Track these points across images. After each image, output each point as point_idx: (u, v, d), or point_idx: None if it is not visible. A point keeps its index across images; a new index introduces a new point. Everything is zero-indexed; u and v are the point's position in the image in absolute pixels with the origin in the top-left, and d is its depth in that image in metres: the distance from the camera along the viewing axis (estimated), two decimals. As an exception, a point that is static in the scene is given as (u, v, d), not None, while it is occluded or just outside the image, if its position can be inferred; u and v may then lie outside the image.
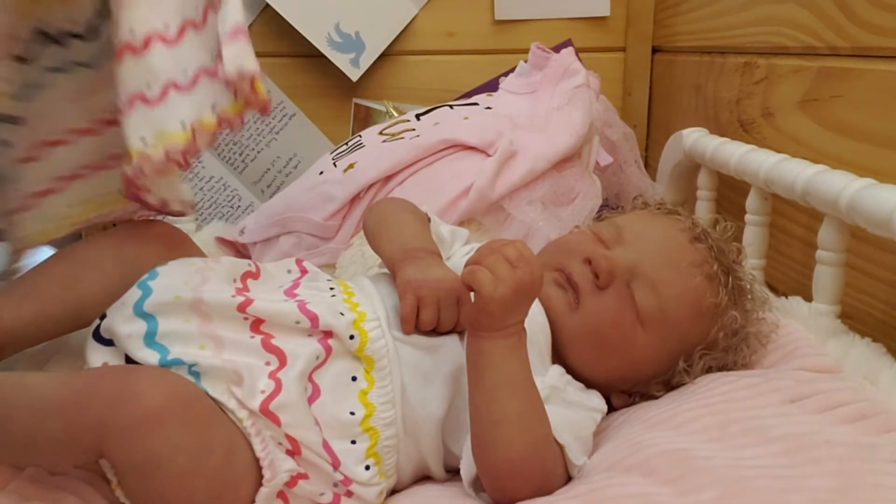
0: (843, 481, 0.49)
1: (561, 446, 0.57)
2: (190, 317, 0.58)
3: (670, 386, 0.68)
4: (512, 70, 1.16)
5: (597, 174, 1.04)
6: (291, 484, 0.56)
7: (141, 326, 0.57)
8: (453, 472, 0.63)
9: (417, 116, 1.09)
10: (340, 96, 1.37)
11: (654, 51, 1.35)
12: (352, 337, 0.61)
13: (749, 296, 0.70)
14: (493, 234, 0.95)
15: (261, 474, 0.55)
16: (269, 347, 0.59)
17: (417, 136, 1.02)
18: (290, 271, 0.69)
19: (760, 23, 0.94)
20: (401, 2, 1.32)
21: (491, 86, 1.26)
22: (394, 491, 0.63)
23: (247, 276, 0.65)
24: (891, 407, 0.58)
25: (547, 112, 1.03)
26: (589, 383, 0.67)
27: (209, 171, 1.37)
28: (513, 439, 0.55)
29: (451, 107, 1.10)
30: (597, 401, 0.66)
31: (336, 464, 0.58)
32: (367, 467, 0.59)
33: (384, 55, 1.34)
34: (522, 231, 0.94)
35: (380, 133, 1.07)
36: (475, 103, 1.11)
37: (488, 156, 0.97)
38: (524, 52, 1.14)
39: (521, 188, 0.96)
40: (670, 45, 1.29)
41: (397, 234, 0.71)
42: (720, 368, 0.69)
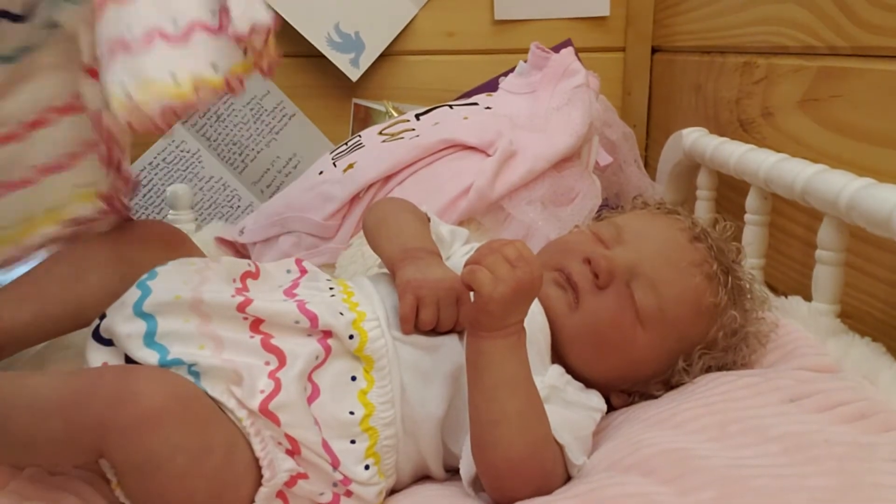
0: (842, 480, 0.49)
1: (560, 446, 0.57)
2: (189, 317, 0.58)
3: (670, 385, 0.68)
4: (512, 70, 1.15)
5: (596, 174, 1.04)
6: (291, 484, 0.56)
7: (140, 326, 0.57)
8: (453, 472, 0.63)
9: (417, 116, 1.09)
10: (340, 96, 1.37)
11: (654, 50, 1.35)
12: (351, 337, 0.61)
13: (748, 295, 0.70)
14: (493, 233, 0.95)
15: (260, 474, 0.55)
16: (268, 347, 0.59)
17: (417, 136, 1.02)
18: (289, 271, 0.69)
19: (760, 22, 0.94)
20: (401, 2, 1.32)
21: (491, 86, 1.26)
22: (393, 491, 0.63)
23: (246, 275, 0.65)
24: (890, 406, 0.58)
25: (546, 112, 1.03)
26: (588, 383, 0.67)
27: (209, 171, 1.37)
28: (512, 439, 0.55)
29: (450, 107, 1.10)
30: (596, 400, 0.66)
31: (335, 463, 0.58)
32: (367, 467, 0.59)
33: (384, 55, 1.34)
34: (522, 231, 0.94)
35: (379, 133, 1.07)
36: (475, 103, 1.11)
37: (488, 156, 0.97)
38: (524, 52, 1.14)
39: (521, 188, 0.96)
40: (670, 45, 1.29)
41: (397, 234, 0.71)
42: (720, 368, 0.69)
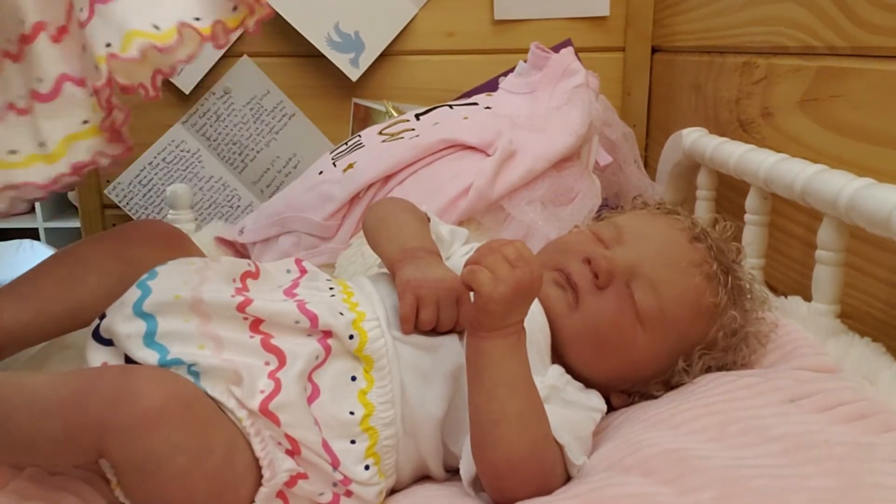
0: (842, 481, 0.49)
1: (560, 446, 0.57)
2: (189, 316, 0.58)
3: (670, 385, 0.68)
4: (511, 70, 1.15)
5: (596, 174, 1.04)
6: (291, 484, 0.56)
7: (140, 326, 0.57)
8: (453, 472, 0.63)
9: (417, 116, 1.09)
10: (340, 96, 1.37)
11: (654, 50, 1.35)
12: (351, 337, 0.61)
13: (748, 295, 0.70)
14: (493, 233, 0.95)
15: (260, 474, 0.55)
16: (268, 347, 0.58)
17: (417, 136, 1.02)
18: (289, 271, 0.69)
19: (760, 22, 0.94)
20: (400, 2, 1.32)
21: (490, 86, 1.26)
22: (393, 490, 0.63)
23: (246, 275, 0.65)
24: (890, 406, 0.58)
25: (546, 112, 1.03)
26: (588, 383, 0.67)
27: (209, 171, 1.37)
28: (512, 439, 0.55)
29: (450, 107, 1.10)
30: (596, 400, 0.66)
31: (335, 463, 0.58)
32: (367, 467, 0.59)
33: (384, 55, 1.34)
34: (522, 231, 0.94)
35: (379, 133, 1.07)
36: (475, 103, 1.11)
37: (488, 155, 0.97)
38: (524, 51, 1.14)
39: (521, 188, 0.96)
40: (670, 45, 1.29)
41: (396, 234, 0.71)
42: (719, 368, 0.69)
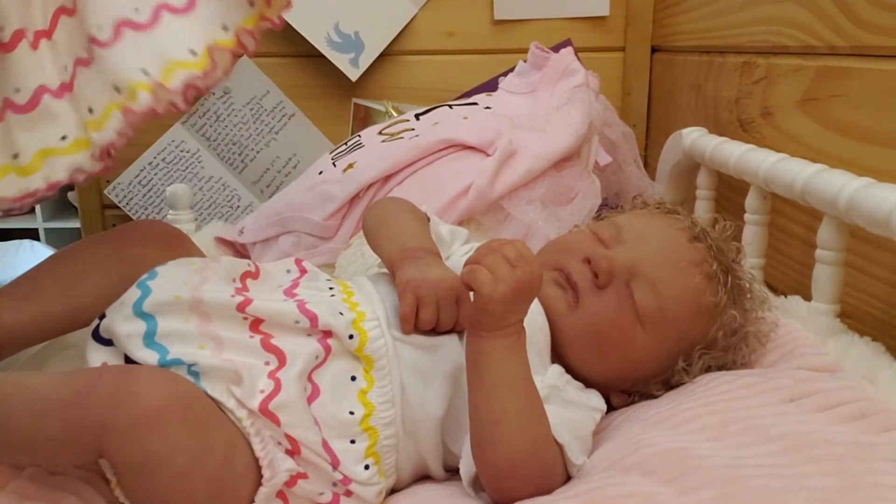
0: (842, 480, 0.49)
1: (560, 445, 0.57)
2: (189, 317, 0.58)
3: (670, 385, 0.68)
4: (511, 70, 1.16)
5: (596, 174, 1.04)
6: (291, 483, 0.56)
7: (140, 326, 0.57)
8: (453, 472, 0.63)
9: (417, 116, 1.09)
10: (340, 96, 1.37)
11: (654, 50, 1.35)
12: (351, 336, 0.61)
13: (748, 295, 0.70)
14: (493, 233, 0.95)
15: (260, 474, 0.55)
16: (268, 347, 0.58)
17: (417, 136, 1.02)
18: (289, 271, 0.69)
19: (760, 22, 0.94)
20: (400, 2, 1.32)
21: (490, 85, 1.26)
22: (393, 490, 0.63)
23: (246, 275, 0.65)
24: (890, 406, 0.58)
25: (546, 112, 1.03)
26: (588, 383, 0.67)
27: (209, 171, 1.37)
28: (512, 439, 0.55)
29: (450, 106, 1.10)
30: (596, 400, 0.66)
31: (335, 463, 0.58)
32: (367, 467, 0.59)
33: (383, 55, 1.34)
34: (522, 230, 0.94)
35: (379, 133, 1.07)
36: (474, 103, 1.11)
37: (488, 155, 0.97)
38: (523, 51, 1.14)
39: (521, 188, 0.96)
40: (669, 45, 1.29)
41: (396, 234, 0.71)
42: (719, 368, 0.69)
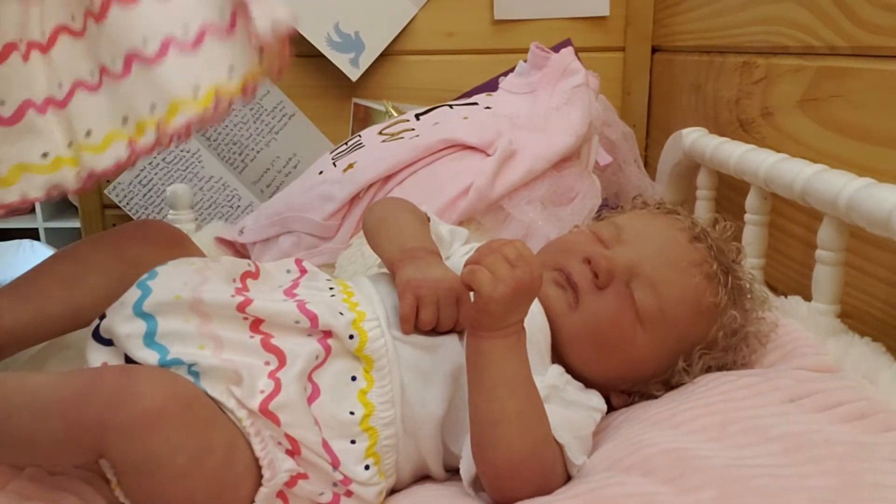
0: (842, 480, 0.49)
1: (560, 446, 0.57)
2: (189, 317, 0.58)
3: (670, 385, 0.68)
4: (511, 70, 1.15)
5: (596, 174, 1.04)
6: (291, 484, 0.56)
7: (140, 326, 0.57)
8: (453, 472, 0.63)
9: (417, 116, 1.09)
10: (340, 96, 1.37)
11: (654, 50, 1.35)
12: (351, 336, 0.61)
13: (748, 295, 0.70)
14: (493, 233, 0.95)
15: (260, 474, 0.55)
16: (268, 347, 0.58)
17: (417, 136, 1.02)
18: (289, 271, 0.69)
19: (760, 22, 0.94)
20: (400, 2, 1.32)
21: (490, 85, 1.26)
22: (393, 490, 0.63)
23: (246, 275, 0.65)
24: (890, 406, 0.58)
25: (546, 112, 1.03)
26: (588, 383, 0.67)
27: (209, 170, 1.37)
28: (512, 439, 0.55)
29: (450, 106, 1.10)
30: (596, 400, 0.66)
31: (335, 463, 0.58)
32: (367, 467, 0.59)
33: (383, 55, 1.34)
34: (522, 231, 0.94)
35: (379, 133, 1.07)
36: (475, 103, 1.11)
37: (488, 155, 0.97)
38: (523, 51, 1.14)
39: (521, 188, 0.96)
40: (670, 45, 1.29)
41: (396, 234, 0.71)
42: (720, 368, 0.69)
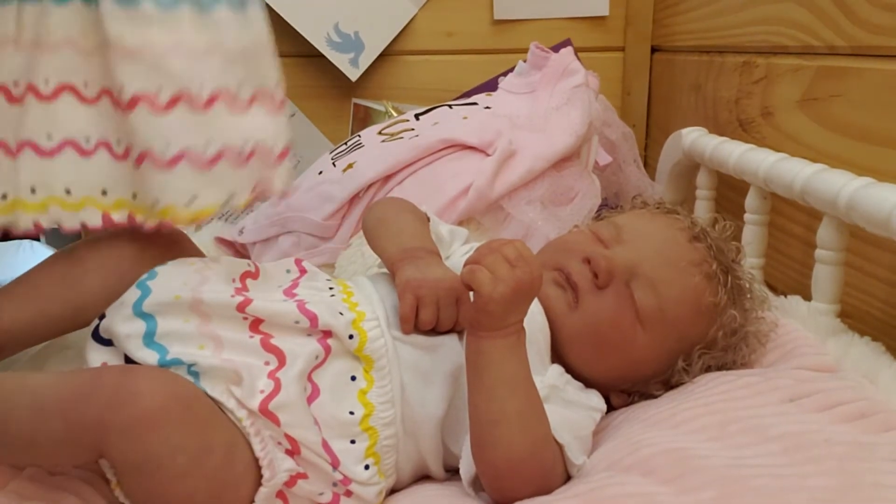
0: (842, 480, 0.49)
1: (560, 445, 0.57)
2: (189, 317, 0.58)
3: (669, 385, 0.68)
4: (511, 70, 1.15)
5: (596, 174, 1.04)
6: (291, 483, 0.56)
7: (140, 326, 0.57)
8: (453, 472, 0.63)
9: (416, 116, 1.09)
10: (339, 96, 1.37)
11: (654, 50, 1.35)
12: (351, 336, 0.61)
13: (748, 295, 0.70)
14: (493, 233, 0.95)
15: (260, 474, 0.55)
16: (268, 347, 0.58)
17: (416, 136, 1.02)
18: (289, 271, 0.69)
19: (759, 22, 0.94)
20: (400, 2, 1.32)
21: (490, 85, 1.26)
22: (393, 490, 0.63)
23: (246, 275, 0.65)
24: (890, 406, 0.58)
25: (546, 112, 1.03)
26: (588, 382, 0.67)
27: (208, 171, 1.37)
28: (512, 439, 0.55)
29: (450, 106, 1.10)
30: (596, 400, 0.66)
31: (335, 463, 0.58)
32: (367, 467, 0.59)
33: (383, 55, 1.34)
34: (522, 230, 0.94)
35: (379, 133, 1.07)
36: (474, 103, 1.11)
37: (487, 155, 0.97)
38: (523, 51, 1.14)
39: (521, 188, 0.96)
40: (669, 45, 1.29)
41: (396, 234, 0.71)
42: (719, 367, 0.69)
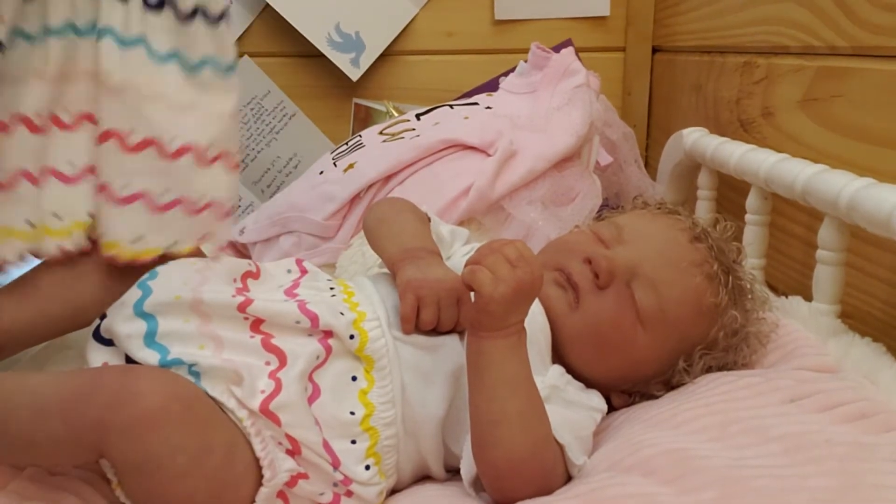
0: (843, 481, 0.49)
1: (561, 446, 0.57)
2: (190, 317, 0.58)
3: (670, 386, 0.68)
4: (512, 70, 1.15)
5: (597, 174, 1.04)
6: (291, 484, 0.56)
7: (141, 326, 0.57)
8: (453, 472, 0.63)
9: (417, 116, 1.09)
10: (340, 96, 1.37)
11: (654, 50, 1.35)
12: (352, 337, 0.61)
13: (749, 295, 0.70)
14: (493, 233, 0.95)
15: (261, 474, 0.55)
16: (269, 347, 0.58)
17: (417, 136, 1.02)
18: (290, 271, 0.69)
19: (760, 22, 0.94)
20: (400, 2, 1.32)
21: (491, 86, 1.26)
22: (394, 490, 0.63)
23: (247, 275, 0.65)
24: (891, 406, 0.58)
25: (547, 112, 1.03)
26: (589, 383, 0.67)
27: (209, 171, 1.37)
28: (513, 439, 0.55)
29: (451, 107, 1.10)
30: (597, 400, 0.66)
31: (336, 463, 0.58)
32: (367, 467, 0.59)
33: (384, 55, 1.34)
34: (522, 231, 0.94)
35: (380, 133, 1.07)
36: (475, 103, 1.11)
37: (488, 155, 0.97)
38: (524, 51, 1.13)
39: (522, 188, 0.96)
40: (670, 45, 1.29)
41: (397, 234, 0.71)
42: (720, 368, 0.69)
